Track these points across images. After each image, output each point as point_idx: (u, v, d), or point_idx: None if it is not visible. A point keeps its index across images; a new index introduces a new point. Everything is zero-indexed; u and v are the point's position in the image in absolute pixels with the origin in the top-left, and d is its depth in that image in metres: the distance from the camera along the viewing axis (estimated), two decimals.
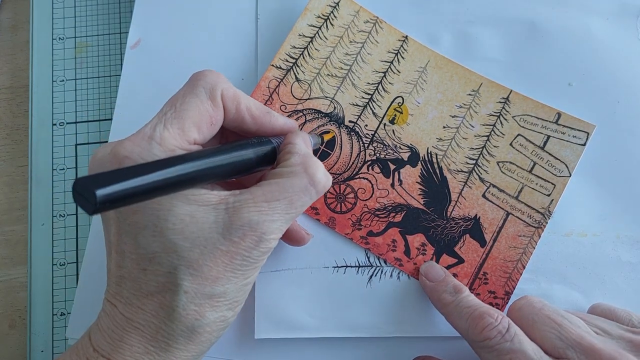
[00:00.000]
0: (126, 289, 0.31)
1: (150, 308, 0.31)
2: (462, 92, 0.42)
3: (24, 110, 0.48)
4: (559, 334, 0.34)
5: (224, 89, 0.34)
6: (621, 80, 0.43)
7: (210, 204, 0.31)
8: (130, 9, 0.49)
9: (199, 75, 0.34)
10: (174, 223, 0.30)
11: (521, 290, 0.39)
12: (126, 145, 0.31)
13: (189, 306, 0.30)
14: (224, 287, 0.31)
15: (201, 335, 0.32)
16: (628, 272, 0.40)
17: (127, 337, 0.31)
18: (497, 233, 0.40)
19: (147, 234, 0.30)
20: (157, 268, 0.30)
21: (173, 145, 0.31)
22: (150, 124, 0.32)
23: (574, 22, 0.44)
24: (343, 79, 0.43)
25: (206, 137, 0.33)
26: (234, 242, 0.30)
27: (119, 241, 0.31)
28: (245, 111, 0.35)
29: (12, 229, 0.45)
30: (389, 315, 0.39)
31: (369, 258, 0.40)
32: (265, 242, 0.31)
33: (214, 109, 0.33)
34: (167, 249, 0.30)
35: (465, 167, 0.41)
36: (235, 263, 0.31)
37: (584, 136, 0.41)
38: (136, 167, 0.27)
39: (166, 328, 0.31)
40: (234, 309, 0.33)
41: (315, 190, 0.33)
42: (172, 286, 0.30)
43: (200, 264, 0.30)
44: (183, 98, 0.33)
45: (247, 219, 0.31)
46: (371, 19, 0.44)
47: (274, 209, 0.31)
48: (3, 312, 0.43)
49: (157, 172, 0.27)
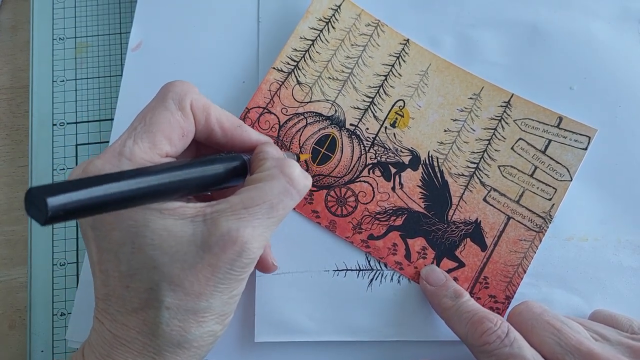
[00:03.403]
0: (112, 306, 0.31)
1: (135, 324, 0.30)
2: (463, 95, 0.42)
3: (24, 110, 0.48)
4: (558, 340, 0.34)
5: (194, 99, 0.33)
6: (623, 84, 0.43)
7: (187, 217, 0.30)
8: (131, 9, 0.49)
9: (168, 86, 0.34)
10: (151, 238, 0.29)
11: (522, 294, 0.39)
12: (97, 163, 0.30)
13: (173, 322, 0.30)
14: (208, 302, 0.30)
15: (188, 350, 0.31)
16: (629, 277, 0.40)
17: (114, 353, 0.30)
18: (498, 237, 0.40)
19: (127, 250, 0.30)
20: (138, 285, 0.30)
21: (143, 160, 0.31)
22: (120, 140, 0.31)
23: (576, 26, 0.44)
24: (344, 82, 0.43)
25: (178, 149, 0.33)
26: (215, 255, 0.30)
27: (101, 260, 0.31)
28: (215, 122, 0.34)
29: (12, 229, 0.45)
30: (389, 319, 0.39)
31: (369, 261, 0.40)
32: (247, 252, 0.30)
33: (185, 120, 0.33)
34: (147, 265, 0.30)
35: (466, 170, 0.41)
36: (217, 277, 0.30)
37: (585, 140, 0.41)
38: (91, 178, 0.26)
39: (152, 344, 0.30)
40: (222, 322, 0.32)
41: (295, 190, 0.32)
42: (154, 302, 0.30)
43: (182, 278, 0.29)
44: (153, 111, 0.33)
45: (225, 228, 0.30)
46: (372, 22, 0.43)
47: (253, 214, 0.30)
48: (3, 312, 0.43)
49: (114, 183, 0.26)
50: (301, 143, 0.42)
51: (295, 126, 0.42)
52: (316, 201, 0.41)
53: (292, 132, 0.42)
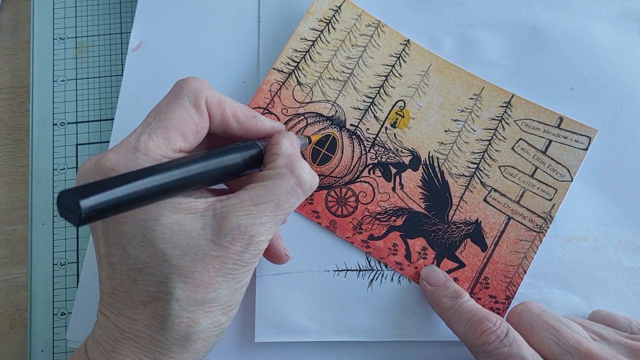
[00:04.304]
0: (118, 300, 0.31)
1: (143, 318, 0.31)
2: (463, 95, 0.42)
3: (24, 110, 0.48)
4: (557, 340, 0.34)
5: (208, 95, 0.34)
6: (623, 85, 0.43)
7: (198, 211, 0.31)
8: (132, 9, 0.49)
9: (182, 83, 0.34)
10: (162, 232, 0.30)
11: (522, 295, 0.39)
12: (110, 157, 0.30)
13: (182, 314, 0.30)
14: (216, 292, 0.31)
15: (195, 342, 0.31)
16: (630, 277, 0.40)
17: (120, 348, 0.31)
18: (499, 237, 0.40)
19: (136, 244, 0.30)
20: (147, 278, 0.30)
21: (158, 155, 0.31)
22: (134, 134, 0.32)
23: (576, 27, 0.44)
24: (345, 83, 0.43)
25: (192, 145, 0.33)
26: (224, 247, 0.30)
27: (109, 253, 0.31)
28: (231, 116, 0.35)
29: (12, 229, 0.45)
30: (390, 319, 0.39)
31: (369, 262, 0.40)
32: (255, 244, 0.31)
33: (199, 117, 0.33)
34: (157, 259, 0.30)
35: (467, 171, 0.41)
36: (226, 267, 0.31)
37: (586, 140, 0.41)
38: (120, 177, 0.27)
39: (159, 337, 0.31)
40: (228, 313, 0.33)
41: (302, 190, 0.33)
42: (164, 295, 0.30)
43: (192, 270, 0.30)
44: (167, 107, 0.33)
45: (235, 223, 0.31)
46: (373, 22, 0.43)
47: (261, 211, 0.31)
48: (3, 311, 0.43)
49: (142, 180, 0.27)
50: None
51: (296, 127, 0.42)
52: (316, 201, 0.41)
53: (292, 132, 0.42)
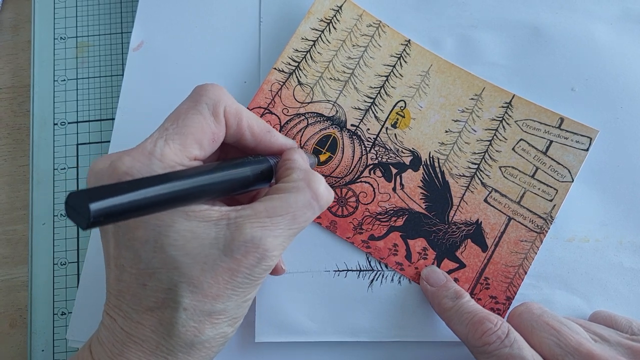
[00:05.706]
0: (125, 303, 0.31)
1: (150, 323, 0.31)
2: (464, 96, 0.42)
3: (25, 109, 0.48)
4: (557, 341, 0.34)
5: (227, 105, 0.33)
6: (624, 86, 0.43)
7: (211, 220, 0.30)
8: (132, 9, 0.49)
9: (202, 90, 0.34)
10: (175, 239, 0.30)
11: (523, 295, 0.39)
12: (126, 161, 0.30)
13: (189, 323, 0.30)
14: (224, 304, 0.31)
15: (200, 350, 0.31)
16: (630, 278, 0.40)
17: (127, 352, 0.31)
18: (499, 238, 0.40)
19: (148, 249, 0.30)
20: (157, 284, 0.30)
21: (173, 162, 0.31)
22: (151, 139, 0.31)
23: (577, 27, 0.44)
24: (345, 83, 0.43)
25: (207, 153, 0.33)
26: (236, 259, 0.30)
27: (119, 255, 0.31)
28: (247, 128, 0.34)
29: (13, 229, 0.45)
30: (390, 320, 0.39)
31: (370, 262, 0.40)
32: (267, 259, 0.31)
33: (216, 126, 0.33)
34: (168, 265, 0.30)
35: (467, 171, 0.41)
36: (236, 280, 0.30)
37: (586, 141, 0.41)
38: (132, 182, 0.26)
39: (165, 344, 0.31)
40: (234, 325, 0.32)
41: (318, 205, 0.33)
42: (171, 303, 0.30)
43: (201, 280, 0.30)
44: (186, 114, 0.32)
45: (249, 235, 0.30)
46: (374, 22, 0.43)
47: (277, 224, 0.31)
48: (4, 311, 0.43)
49: (153, 187, 0.26)
50: (302, 143, 0.42)
51: (297, 127, 0.42)
52: None
53: (293, 132, 0.42)
